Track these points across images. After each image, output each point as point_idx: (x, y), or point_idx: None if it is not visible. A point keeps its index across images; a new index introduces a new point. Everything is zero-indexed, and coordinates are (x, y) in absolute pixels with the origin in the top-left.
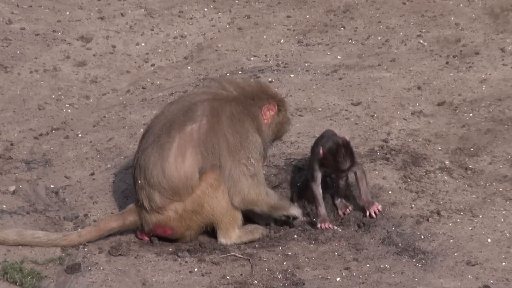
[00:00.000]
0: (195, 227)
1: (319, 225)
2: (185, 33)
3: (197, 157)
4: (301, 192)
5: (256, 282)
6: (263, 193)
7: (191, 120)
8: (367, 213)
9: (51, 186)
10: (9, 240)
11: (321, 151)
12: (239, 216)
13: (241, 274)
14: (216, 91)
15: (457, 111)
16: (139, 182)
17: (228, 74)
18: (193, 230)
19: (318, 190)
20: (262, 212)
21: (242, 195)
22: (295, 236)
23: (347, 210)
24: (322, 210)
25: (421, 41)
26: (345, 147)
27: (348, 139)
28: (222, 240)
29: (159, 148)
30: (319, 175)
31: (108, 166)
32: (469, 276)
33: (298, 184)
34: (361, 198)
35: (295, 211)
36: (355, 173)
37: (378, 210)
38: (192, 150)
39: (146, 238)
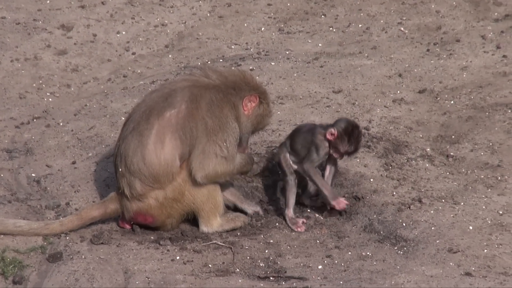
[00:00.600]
0: (176, 215)
1: (334, 204)
2: (166, 21)
3: (176, 143)
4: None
5: (238, 270)
6: (229, 170)
7: (170, 106)
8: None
9: (33, 175)
10: None
11: (335, 131)
12: (220, 204)
13: (223, 262)
14: (197, 78)
15: (438, 98)
16: (120, 169)
17: (209, 62)
18: (174, 218)
19: (318, 171)
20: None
21: (206, 171)
22: (277, 224)
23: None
24: (328, 186)
25: (402, 28)
26: (359, 130)
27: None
28: (204, 228)
29: (138, 135)
30: (316, 162)
31: (90, 154)
32: (451, 264)
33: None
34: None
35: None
36: (335, 164)
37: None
38: (171, 136)
39: (128, 227)
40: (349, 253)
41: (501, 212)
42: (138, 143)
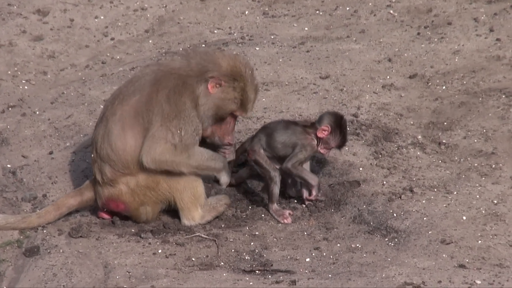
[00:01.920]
0: (150, 204)
1: (320, 195)
2: (146, 5)
3: (138, 129)
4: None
5: (222, 263)
6: (180, 158)
7: (134, 92)
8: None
9: (8, 166)
10: None
11: (328, 128)
12: (201, 195)
13: (207, 256)
14: (165, 62)
15: (430, 83)
16: (92, 155)
17: (190, 48)
18: (149, 207)
19: (303, 167)
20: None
21: (152, 155)
22: (263, 215)
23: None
24: (317, 179)
25: (391, 11)
26: (344, 118)
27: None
28: (185, 221)
29: (105, 121)
30: (303, 161)
31: (67, 144)
32: (444, 255)
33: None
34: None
35: (223, 174)
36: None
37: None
38: (133, 122)
39: (107, 216)
40: (338, 245)
41: (495, 202)
42: (105, 129)
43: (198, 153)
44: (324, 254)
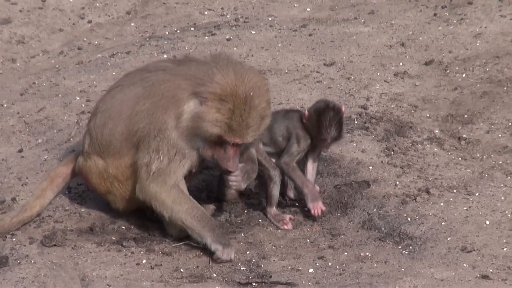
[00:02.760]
0: (118, 196)
1: (311, 206)
2: None
3: (126, 129)
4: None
5: (214, 275)
6: (166, 195)
7: (133, 91)
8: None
9: None
10: None
11: (306, 111)
12: None
13: (197, 266)
14: (172, 67)
15: (448, 71)
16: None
17: (178, 31)
18: (117, 197)
19: (297, 167)
20: (169, 221)
21: (139, 187)
22: (260, 220)
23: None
24: (310, 185)
25: None
26: (335, 111)
27: (343, 108)
28: (168, 230)
29: (109, 103)
30: (297, 156)
31: (39, 141)
32: (465, 265)
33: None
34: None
35: (212, 242)
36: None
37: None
38: (123, 118)
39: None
40: (345, 253)
41: None
42: (105, 109)
43: (188, 206)
44: (330, 264)
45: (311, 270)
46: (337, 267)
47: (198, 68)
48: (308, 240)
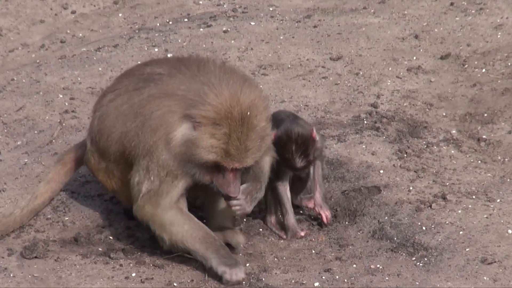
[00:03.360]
0: (124, 198)
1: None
2: None
3: (119, 145)
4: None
5: None
6: (162, 217)
7: (126, 100)
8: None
9: None
10: None
11: (273, 135)
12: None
13: (192, 280)
14: (163, 73)
15: (466, 66)
16: None
17: (170, 23)
18: (123, 198)
19: (285, 192)
20: (170, 245)
21: (135, 209)
22: (260, 229)
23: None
24: (291, 219)
25: None
26: (301, 141)
27: (312, 131)
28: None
29: (104, 109)
30: (286, 172)
31: (18, 143)
32: (485, 278)
33: None
34: (313, 197)
35: (218, 264)
36: (313, 165)
37: (327, 220)
38: (116, 133)
39: None
40: (354, 266)
41: None
42: (113, 107)
43: (181, 220)
44: (337, 277)
45: (316, 284)
46: (345, 280)
47: (189, 84)
48: (313, 251)
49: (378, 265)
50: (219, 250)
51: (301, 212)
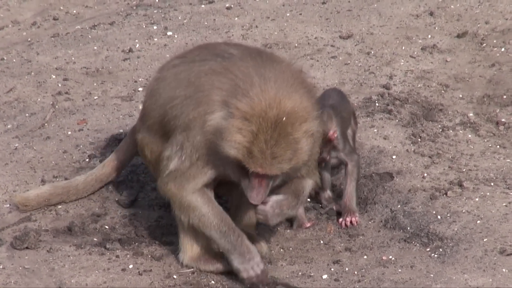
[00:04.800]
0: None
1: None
2: None
3: (162, 112)
4: None
5: (213, 282)
6: (182, 197)
7: (188, 68)
8: (340, 220)
9: None
10: None
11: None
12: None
13: (192, 272)
14: (234, 52)
15: (484, 45)
16: None
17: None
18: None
19: (323, 172)
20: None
21: (159, 184)
22: None
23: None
24: (299, 208)
25: None
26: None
27: (330, 131)
28: (179, 254)
29: (165, 72)
30: (324, 152)
31: (9, 126)
32: (504, 270)
33: None
34: (342, 200)
35: (234, 260)
36: (346, 165)
37: (351, 223)
38: (176, 84)
39: None
40: (365, 257)
41: None
42: (174, 70)
43: (200, 206)
44: (347, 269)
45: (325, 277)
46: (355, 272)
47: (249, 71)
48: (321, 242)
49: (390, 257)
50: (236, 243)
51: (309, 200)
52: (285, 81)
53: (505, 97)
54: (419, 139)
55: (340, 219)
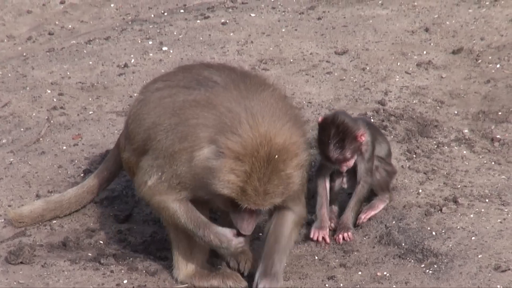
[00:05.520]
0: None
1: (312, 234)
2: None
3: (145, 136)
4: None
5: None
6: (159, 202)
7: (172, 94)
8: (334, 236)
9: None
10: None
11: (320, 119)
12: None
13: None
14: (219, 81)
15: (479, 61)
16: None
17: (165, 14)
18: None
19: (322, 183)
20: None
21: (137, 188)
22: (260, 234)
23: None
24: (323, 209)
25: None
26: (342, 128)
27: (360, 131)
28: (174, 270)
29: (149, 94)
30: (327, 167)
31: (4, 141)
32: (498, 287)
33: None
34: (342, 216)
35: (217, 236)
36: (358, 183)
37: (344, 239)
38: (160, 111)
39: None
40: (359, 273)
41: None
42: (158, 93)
43: (176, 211)
44: (341, 285)
45: None
46: None
47: (235, 104)
48: (316, 257)
49: (384, 273)
50: (205, 234)
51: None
52: (272, 114)
53: (500, 113)
54: (414, 155)
55: (335, 235)
